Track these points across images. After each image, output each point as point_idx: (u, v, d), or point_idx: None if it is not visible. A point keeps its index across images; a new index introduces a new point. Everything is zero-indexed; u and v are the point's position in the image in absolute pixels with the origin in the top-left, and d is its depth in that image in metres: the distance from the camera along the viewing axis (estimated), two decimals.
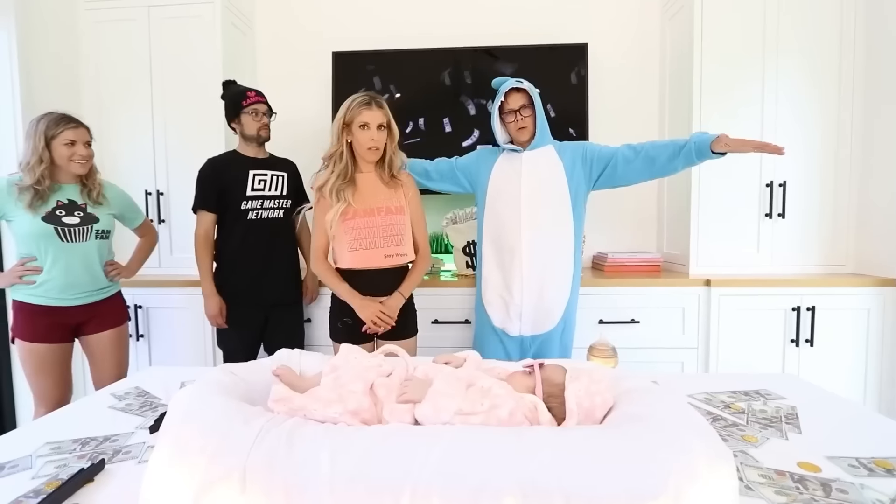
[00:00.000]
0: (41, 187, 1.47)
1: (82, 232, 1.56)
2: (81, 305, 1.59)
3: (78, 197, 1.57)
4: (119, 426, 0.90)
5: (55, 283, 1.52)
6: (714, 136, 1.41)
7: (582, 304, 1.94)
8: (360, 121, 1.43)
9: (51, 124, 1.49)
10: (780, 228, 2.07)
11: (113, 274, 1.68)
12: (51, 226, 1.50)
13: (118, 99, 2.27)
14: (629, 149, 1.55)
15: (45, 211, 1.49)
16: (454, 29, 2.44)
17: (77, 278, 1.56)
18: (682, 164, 1.50)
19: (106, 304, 1.67)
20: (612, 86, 2.43)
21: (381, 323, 1.48)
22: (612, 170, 1.56)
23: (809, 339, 1.92)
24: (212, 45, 2.21)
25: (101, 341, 1.66)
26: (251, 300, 1.77)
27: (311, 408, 0.64)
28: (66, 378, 1.61)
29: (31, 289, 1.52)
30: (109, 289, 1.69)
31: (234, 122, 1.79)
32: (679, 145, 1.48)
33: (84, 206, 1.57)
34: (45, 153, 1.48)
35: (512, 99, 1.52)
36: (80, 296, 1.58)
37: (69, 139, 1.50)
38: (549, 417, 0.65)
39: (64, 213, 1.52)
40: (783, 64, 2.02)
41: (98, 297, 1.64)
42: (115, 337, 1.70)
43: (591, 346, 1.07)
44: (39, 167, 1.47)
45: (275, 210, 1.78)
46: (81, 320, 1.61)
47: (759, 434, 0.83)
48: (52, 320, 1.54)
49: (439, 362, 0.80)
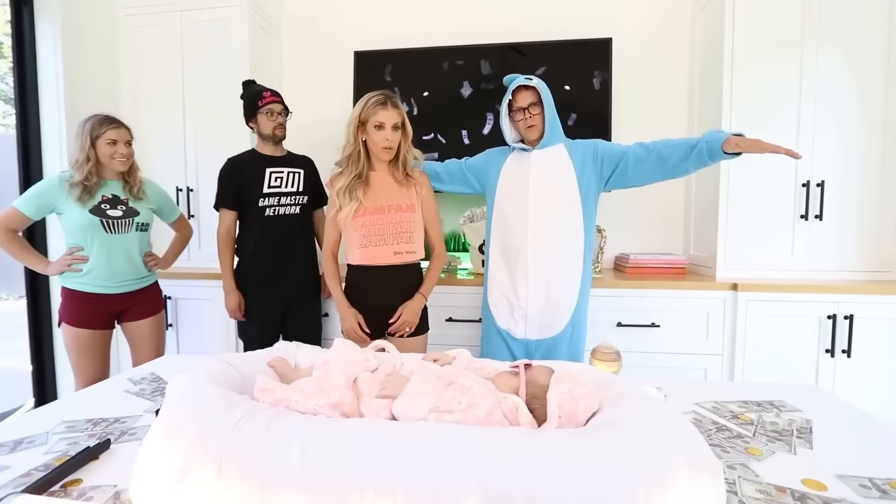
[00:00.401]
0: (88, 183, 1.61)
1: (124, 224, 1.69)
2: (122, 293, 1.72)
3: (121, 192, 1.70)
4: (130, 409, 0.95)
5: (100, 272, 1.65)
6: (727, 136, 1.34)
7: (600, 306, 1.90)
8: (376, 121, 1.44)
9: (95, 125, 1.63)
10: (816, 231, 1.95)
11: (151, 264, 1.81)
12: (97, 218, 1.63)
13: (152, 100, 2.39)
14: (641, 148, 1.49)
15: (92, 204, 1.62)
16: (476, 25, 2.43)
17: (119, 267, 1.69)
18: (694, 165, 1.42)
19: (145, 293, 1.80)
20: (637, 82, 2.36)
21: (403, 325, 1.51)
22: (623, 169, 1.50)
23: (846, 350, 1.81)
24: (239, 47, 2.29)
25: (141, 328, 1.79)
26: (269, 294, 1.83)
27: (293, 399, 0.65)
28: (105, 361, 1.74)
29: (78, 277, 1.65)
30: (148, 278, 1.82)
31: (252, 121, 1.85)
32: (691, 145, 1.40)
33: (126, 201, 1.70)
34: (90, 151, 1.62)
35: (520, 97, 1.49)
36: (122, 284, 1.71)
37: (111, 139, 1.63)
38: (529, 419, 0.64)
39: (108, 207, 1.66)
40: (823, 58, 1.90)
41: (138, 285, 1.77)
42: (154, 324, 1.83)
43: (595, 348, 1.04)
44: (87, 164, 1.61)
45: (291, 206, 1.82)
46: (122, 308, 1.74)
47: (764, 447, 0.79)
48: (96, 307, 1.67)
49: (428, 360, 0.80)
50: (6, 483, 0.68)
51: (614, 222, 2.36)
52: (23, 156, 2.11)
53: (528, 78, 1.49)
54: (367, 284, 1.53)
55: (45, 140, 2.15)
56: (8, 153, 2.16)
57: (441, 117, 2.36)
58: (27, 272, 2.11)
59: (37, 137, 2.14)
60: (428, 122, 2.36)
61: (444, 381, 0.67)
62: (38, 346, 2.17)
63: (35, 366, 2.17)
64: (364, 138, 1.48)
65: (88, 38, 2.25)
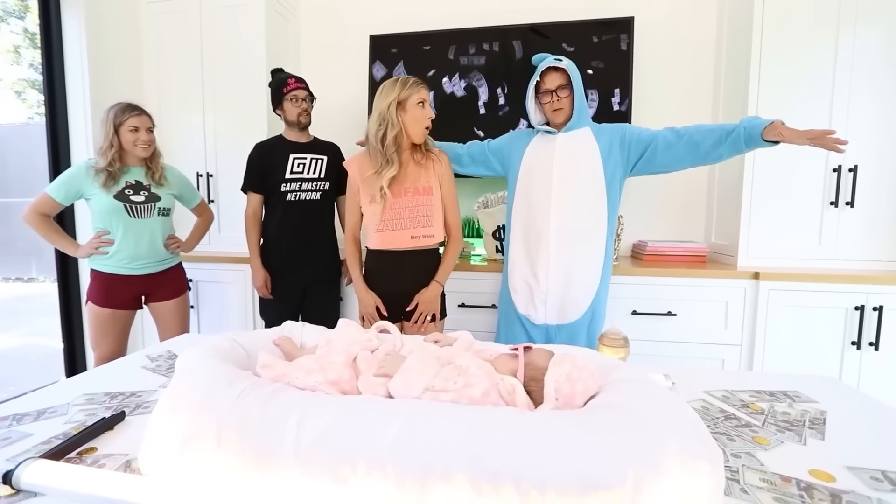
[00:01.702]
0: (113, 169, 1.67)
1: (147, 209, 1.75)
2: (146, 275, 1.79)
3: (143, 178, 1.76)
4: (147, 383, 0.99)
5: (124, 254, 1.73)
6: (768, 122, 1.27)
7: (616, 293, 1.87)
8: (419, 97, 1.44)
9: (118, 112, 1.69)
10: (846, 218, 1.86)
11: (173, 247, 1.88)
12: (121, 203, 1.70)
13: (174, 86, 2.43)
14: (671, 132, 1.44)
15: (117, 190, 1.69)
16: (495, 5, 2.38)
17: (142, 250, 1.76)
18: (728, 152, 1.37)
19: (168, 275, 1.88)
20: (661, 62, 2.27)
21: (423, 316, 1.52)
22: (652, 154, 1.45)
23: (874, 342, 1.73)
24: (256, 33, 2.31)
25: (167, 308, 1.87)
26: (288, 276, 1.88)
27: (294, 375, 0.67)
28: (122, 340, 1.81)
29: (104, 259, 1.73)
30: (170, 260, 1.89)
31: (279, 108, 1.88)
32: (727, 130, 1.34)
33: (148, 187, 1.76)
34: (114, 138, 1.68)
35: (549, 79, 1.45)
36: (145, 266, 1.79)
37: (133, 125, 1.69)
38: (525, 400, 0.63)
39: (132, 192, 1.72)
40: (861, 36, 1.79)
41: (160, 267, 1.84)
42: (179, 304, 1.91)
43: (602, 334, 1.02)
44: (110, 151, 1.67)
45: (312, 192, 1.86)
46: (147, 289, 1.82)
47: (773, 437, 0.77)
48: (121, 287, 1.75)
49: (429, 341, 0.81)
50: (28, 449, 0.71)
51: (633, 208, 2.31)
52: (51, 143, 2.19)
53: (559, 59, 1.44)
54: (384, 269, 1.54)
55: (72, 128, 2.22)
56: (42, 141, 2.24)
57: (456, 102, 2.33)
58: (58, 255, 2.21)
59: (64, 125, 2.22)
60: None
61: (441, 361, 0.67)
62: (69, 325, 2.27)
63: (66, 344, 2.28)
64: (401, 118, 1.46)
65: (112, 27, 2.30)
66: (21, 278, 4.77)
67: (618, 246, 2.10)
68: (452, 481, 0.48)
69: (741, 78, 1.96)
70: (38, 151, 2.28)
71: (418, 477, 0.49)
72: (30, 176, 4.49)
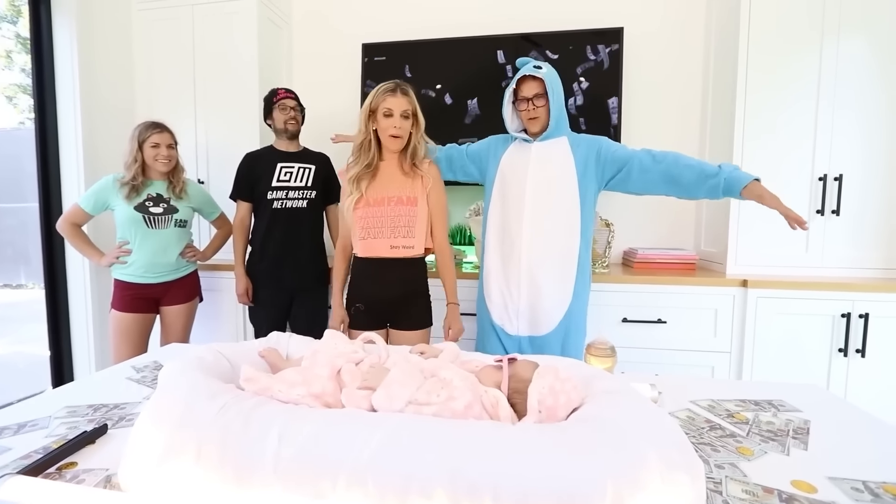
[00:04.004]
0: (136, 182, 1.79)
1: (164, 220, 1.85)
2: (161, 283, 1.88)
3: (164, 191, 1.86)
4: (131, 395, 0.98)
5: (141, 263, 1.83)
6: (749, 179, 1.28)
7: (606, 301, 1.89)
8: (385, 108, 1.43)
9: (142, 130, 1.81)
10: (833, 226, 1.89)
11: (189, 256, 1.96)
12: (140, 214, 1.80)
13: (165, 94, 2.43)
14: (648, 156, 1.41)
15: (138, 202, 1.80)
16: (483, 16, 2.40)
17: (158, 258, 1.85)
18: (704, 195, 1.37)
19: (181, 282, 1.95)
20: (650, 71, 2.30)
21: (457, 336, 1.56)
22: (626, 175, 1.44)
23: (861, 350, 1.75)
24: (249, 41, 2.32)
25: (172, 313, 1.94)
26: (275, 283, 1.90)
27: (277, 388, 0.66)
28: (142, 345, 1.89)
29: (124, 268, 1.83)
30: (185, 269, 1.97)
31: (269, 118, 1.91)
32: (707, 174, 1.33)
33: (168, 199, 1.86)
34: (138, 154, 1.80)
35: (526, 86, 1.44)
36: (160, 274, 1.87)
37: (155, 142, 1.80)
38: (509, 413, 0.63)
39: (151, 204, 1.83)
40: (845, 45, 1.83)
41: (175, 275, 1.92)
42: (185, 310, 1.97)
43: (590, 343, 1.03)
44: (134, 165, 1.79)
45: (299, 200, 1.87)
46: (161, 295, 1.90)
47: (756, 447, 0.77)
48: (138, 294, 1.85)
49: (415, 353, 0.81)
50: (6, 464, 0.70)
51: (623, 216, 2.32)
52: (41, 148, 2.18)
53: (538, 67, 1.43)
54: (368, 276, 1.54)
55: (61, 133, 2.21)
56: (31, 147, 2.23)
57: (451, 110, 2.34)
58: (45, 262, 2.19)
59: (54, 130, 2.20)
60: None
61: (425, 373, 0.67)
62: (56, 332, 2.25)
63: (53, 351, 2.25)
64: (374, 127, 1.47)
65: (103, 33, 2.30)
66: (9, 285, 4.70)
67: (608, 254, 2.11)
68: (432, 496, 0.48)
69: (728, 88, 1.99)
70: (28, 156, 2.27)
71: (398, 491, 0.49)
72: (19, 180, 4.44)
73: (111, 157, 2.16)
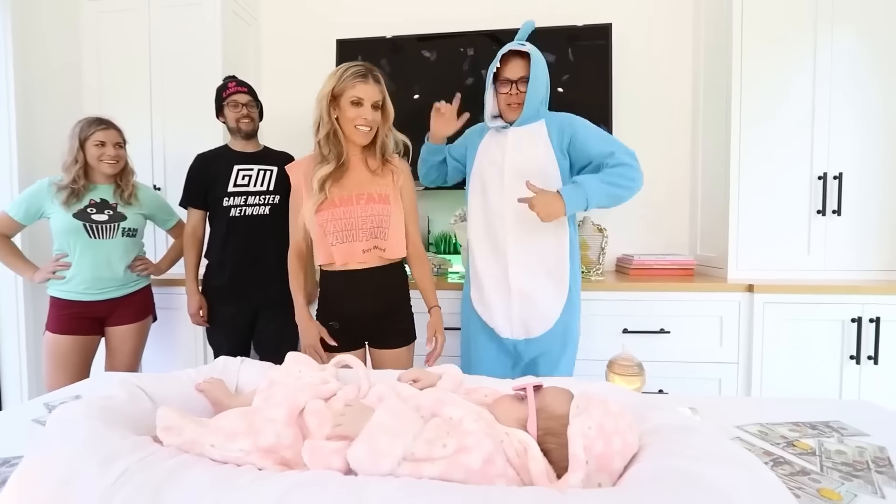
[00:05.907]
0: (77, 186, 1.56)
1: (109, 229, 1.62)
2: (106, 300, 1.65)
3: (111, 196, 1.64)
4: (32, 444, 0.75)
5: (82, 278, 1.60)
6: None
7: (604, 310, 1.75)
8: (353, 95, 1.24)
9: (84, 126, 1.58)
10: (834, 227, 1.80)
11: (140, 269, 1.73)
12: (80, 222, 1.57)
13: (118, 91, 2.22)
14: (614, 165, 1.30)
15: (78, 208, 1.57)
16: (463, 12, 2.27)
17: (101, 273, 1.62)
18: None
19: (130, 299, 1.72)
20: (639, 69, 2.21)
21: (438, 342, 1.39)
22: (594, 171, 1.33)
23: (873, 356, 1.65)
24: (212, 35, 2.13)
25: (119, 334, 1.70)
26: (235, 299, 1.68)
27: (208, 442, 0.46)
28: (82, 372, 1.64)
29: (61, 284, 1.60)
30: (135, 284, 1.74)
31: (221, 116, 1.72)
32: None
33: (115, 206, 1.64)
34: (79, 154, 1.57)
35: (510, 66, 1.30)
36: (104, 290, 1.64)
37: (99, 140, 1.58)
38: (543, 467, 0.45)
39: (94, 211, 1.60)
40: (839, 38, 1.76)
41: (123, 291, 1.69)
42: (134, 331, 1.73)
43: (612, 360, 0.86)
44: (74, 167, 1.56)
45: (260, 207, 1.67)
46: (106, 314, 1.67)
47: (841, 488, 0.61)
48: (78, 313, 1.61)
49: (405, 380, 0.61)
50: None
51: (615, 221, 2.19)
52: None
53: (522, 44, 1.28)
54: (342, 290, 1.33)
55: None
56: None
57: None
58: None
59: None
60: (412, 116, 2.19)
61: (423, 411, 0.48)
62: None
63: None
64: (336, 115, 1.27)
65: (46, 24, 2.06)
66: None
67: (602, 260, 1.97)
68: None
69: (722, 90, 1.91)
70: None
71: None
72: None
73: (52, 160, 1.90)
